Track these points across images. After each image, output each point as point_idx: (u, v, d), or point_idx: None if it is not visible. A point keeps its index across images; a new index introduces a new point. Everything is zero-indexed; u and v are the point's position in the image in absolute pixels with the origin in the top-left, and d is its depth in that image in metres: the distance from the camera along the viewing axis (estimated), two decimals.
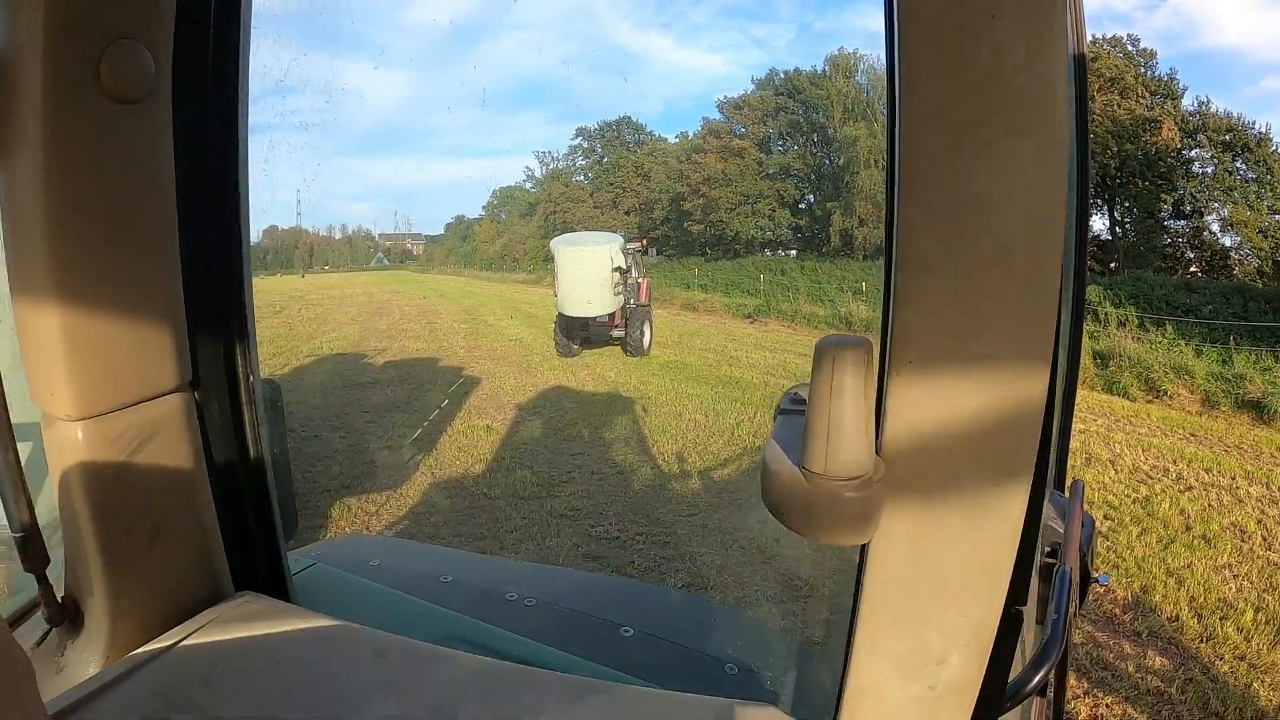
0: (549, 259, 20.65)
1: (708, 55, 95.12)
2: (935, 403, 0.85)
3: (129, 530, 1.24)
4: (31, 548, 1.18)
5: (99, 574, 1.21)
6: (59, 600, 1.26)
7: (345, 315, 27.86)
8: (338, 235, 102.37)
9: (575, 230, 58.76)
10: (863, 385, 0.83)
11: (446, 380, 16.39)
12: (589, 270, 18.42)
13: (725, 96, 52.30)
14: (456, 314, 29.76)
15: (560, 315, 19.17)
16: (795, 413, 0.98)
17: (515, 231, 59.82)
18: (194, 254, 1.32)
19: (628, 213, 57.06)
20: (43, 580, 1.23)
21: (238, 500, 1.46)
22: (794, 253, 46.03)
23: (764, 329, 25.08)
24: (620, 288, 18.68)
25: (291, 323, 27.80)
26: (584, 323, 18.87)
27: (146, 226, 1.24)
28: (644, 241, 27.61)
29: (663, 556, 7.21)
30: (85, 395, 1.18)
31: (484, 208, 77.16)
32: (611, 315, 18.68)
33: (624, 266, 18.83)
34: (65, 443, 1.19)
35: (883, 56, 0.86)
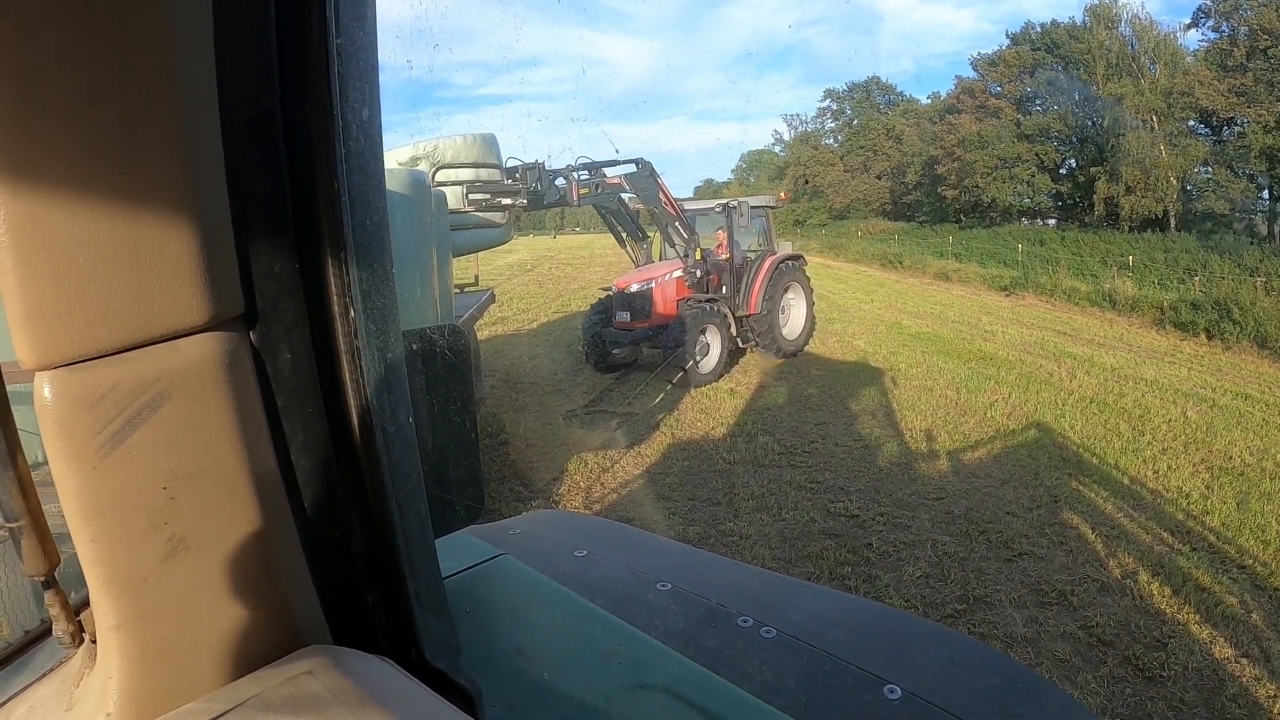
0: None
1: (956, 10, 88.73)
2: None
3: (132, 539, 0.76)
4: (28, 543, 0.77)
5: (102, 597, 0.77)
6: (74, 616, 0.84)
7: (594, 274, 28.74)
8: None
9: (825, 195, 57.03)
10: None
11: None
12: None
13: (979, 53, 48.82)
14: None
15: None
16: None
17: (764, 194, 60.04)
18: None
19: (879, 176, 54.95)
20: (50, 586, 0.81)
21: (336, 498, 0.91)
22: (1053, 221, 42.92)
23: (1020, 303, 22.93)
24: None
25: (542, 280, 29.26)
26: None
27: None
28: (783, 196, 20.21)
29: (902, 542, 6.83)
30: (52, 332, 0.70)
31: (732, 171, 77.30)
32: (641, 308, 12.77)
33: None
34: (37, 403, 0.72)
35: (1147, 5, 0.58)
